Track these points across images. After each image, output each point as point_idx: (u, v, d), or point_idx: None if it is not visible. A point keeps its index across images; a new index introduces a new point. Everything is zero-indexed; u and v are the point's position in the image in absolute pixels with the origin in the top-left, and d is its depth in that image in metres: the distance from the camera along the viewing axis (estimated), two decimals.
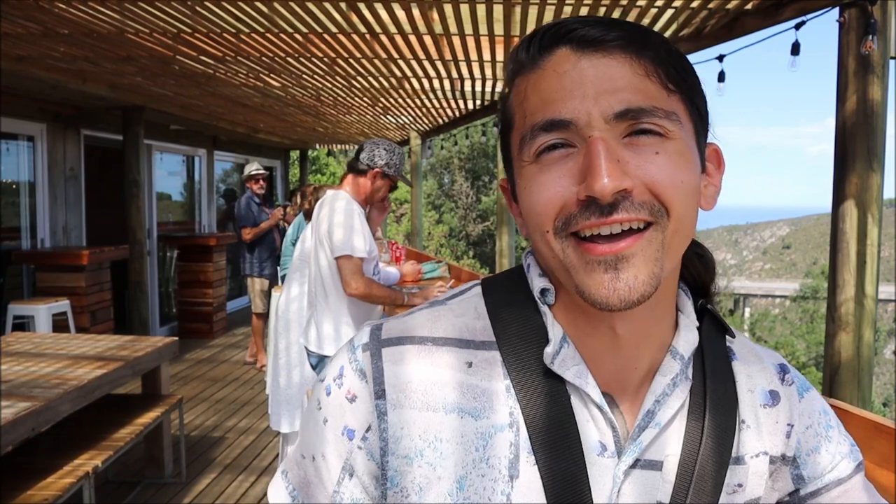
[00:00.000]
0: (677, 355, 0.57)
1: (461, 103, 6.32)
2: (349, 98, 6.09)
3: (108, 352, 3.33)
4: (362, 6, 3.15)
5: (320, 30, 3.60)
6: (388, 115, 7.45)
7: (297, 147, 12.43)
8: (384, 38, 3.76)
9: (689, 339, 0.58)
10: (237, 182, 10.04)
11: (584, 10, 3.09)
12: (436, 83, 5.22)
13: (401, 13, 3.25)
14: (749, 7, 2.97)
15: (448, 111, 6.95)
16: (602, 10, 3.08)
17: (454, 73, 4.76)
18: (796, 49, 2.89)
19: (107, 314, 5.98)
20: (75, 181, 6.40)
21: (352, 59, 4.37)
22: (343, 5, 3.16)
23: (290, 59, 4.37)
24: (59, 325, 5.29)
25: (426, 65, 4.50)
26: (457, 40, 3.82)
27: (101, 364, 3.07)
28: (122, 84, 5.44)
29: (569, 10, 3.11)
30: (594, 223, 0.49)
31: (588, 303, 0.51)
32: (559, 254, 0.52)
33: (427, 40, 3.80)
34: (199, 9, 3.23)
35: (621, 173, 0.48)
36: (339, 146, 12.88)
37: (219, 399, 5.29)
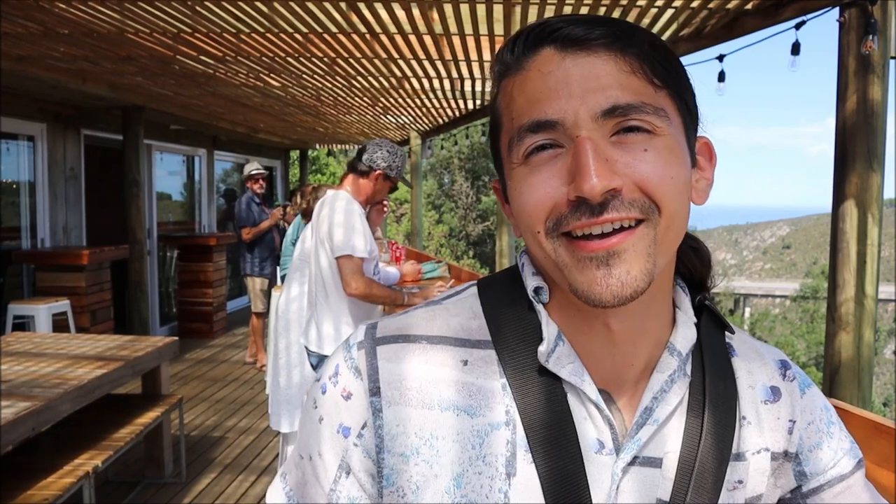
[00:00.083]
0: (675, 352, 0.57)
1: (461, 103, 6.32)
2: (349, 98, 6.09)
3: (108, 352, 3.33)
4: (362, 6, 3.15)
5: (320, 30, 3.60)
6: (388, 115, 7.45)
7: (297, 147, 12.43)
8: (384, 38, 3.76)
9: (686, 336, 0.57)
10: (237, 182, 10.04)
11: (584, 11, 3.09)
12: (436, 83, 5.22)
13: (401, 13, 3.25)
14: (749, 7, 2.97)
15: (448, 111, 6.95)
16: (602, 10, 3.08)
17: (454, 73, 4.76)
18: (796, 49, 2.89)
19: (107, 314, 5.98)
20: (75, 181, 6.40)
21: (352, 59, 4.38)
22: (343, 5, 3.16)
23: (290, 59, 4.37)
24: (59, 324, 5.29)
25: (426, 65, 4.50)
26: (457, 40, 3.82)
27: (101, 364, 3.07)
28: (122, 84, 5.44)
29: (569, 10, 3.11)
30: (585, 223, 0.49)
31: (581, 300, 0.51)
32: (551, 253, 0.51)
33: (427, 40, 3.80)
34: (199, 9, 3.23)
35: (610, 173, 0.48)
36: (339, 146, 12.88)
37: (219, 399, 5.28)
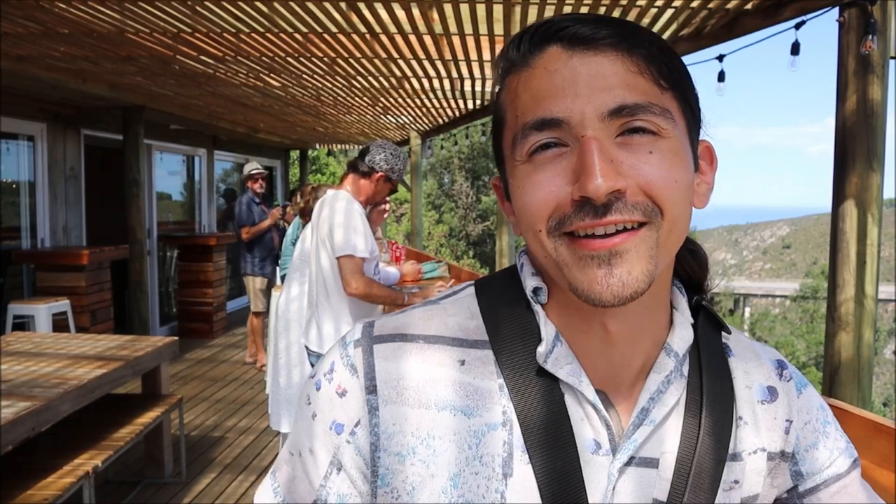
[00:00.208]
0: (672, 352, 0.57)
1: (461, 103, 6.32)
2: (349, 98, 6.10)
3: (108, 351, 3.33)
4: (362, 6, 3.15)
5: (320, 30, 3.60)
6: (388, 115, 7.45)
7: (297, 147, 12.43)
8: (384, 37, 3.76)
9: (683, 336, 0.57)
10: (237, 182, 10.04)
11: (584, 10, 3.09)
12: (436, 83, 5.22)
13: (401, 13, 3.25)
14: (749, 7, 2.97)
15: (448, 111, 6.94)
16: (602, 10, 3.08)
17: (454, 73, 4.76)
18: (796, 49, 2.89)
19: (107, 314, 5.98)
20: (75, 181, 6.40)
21: (352, 59, 4.38)
22: (343, 5, 3.16)
23: (290, 59, 4.37)
24: (59, 324, 5.29)
25: (426, 65, 4.50)
26: (457, 40, 3.82)
27: (101, 364, 3.07)
28: (122, 84, 5.44)
29: (568, 10, 3.11)
30: (588, 224, 0.48)
31: (581, 299, 0.50)
32: (552, 252, 0.51)
33: (427, 40, 3.80)
34: (199, 9, 3.23)
35: (615, 173, 0.48)
36: (339, 146, 12.88)
37: (219, 399, 5.29)
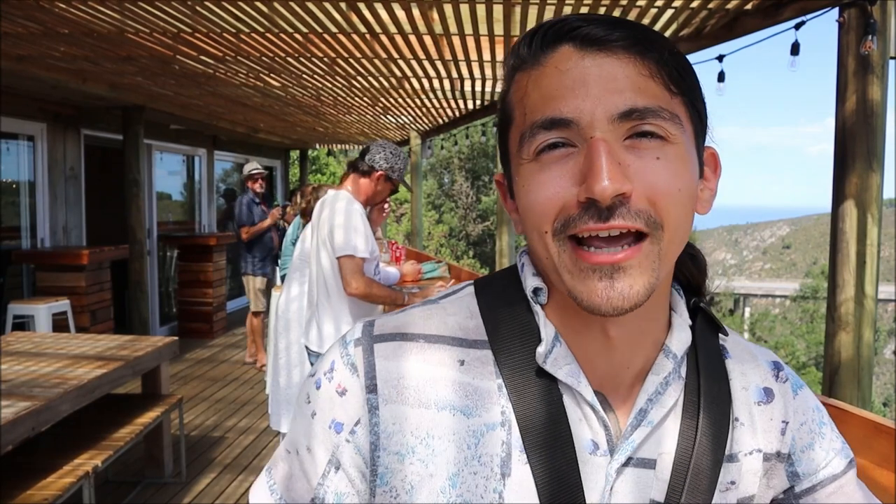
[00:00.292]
0: (670, 354, 0.57)
1: (461, 103, 6.32)
2: (349, 98, 6.10)
3: (108, 351, 3.33)
4: (362, 6, 3.15)
5: (320, 30, 3.60)
6: (388, 115, 7.45)
7: (297, 147, 12.43)
8: (384, 38, 3.76)
9: (681, 338, 0.58)
10: (237, 182, 10.04)
11: (584, 10, 3.09)
12: (436, 83, 5.22)
13: (401, 13, 3.25)
14: (749, 7, 2.97)
15: (448, 111, 6.95)
16: (602, 10, 3.08)
17: (454, 73, 4.76)
18: (796, 49, 2.89)
19: (107, 314, 5.98)
20: (75, 181, 6.40)
21: (352, 59, 4.38)
22: (343, 5, 3.16)
23: (290, 59, 4.37)
24: (59, 324, 5.28)
25: (426, 65, 4.50)
26: (457, 40, 3.82)
27: (101, 364, 3.07)
28: (122, 84, 5.44)
29: (568, 10, 3.11)
30: (592, 227, 0.48)
31: (580, 307, 0.51)
32: (554, 255, 0.51)
33: (427, 40, 3.80)
34: (199, 9, 3.23)
35: (622, 177, 0.48)
36: (339, 146, 12.88)
37: (219, 399, 5.29)
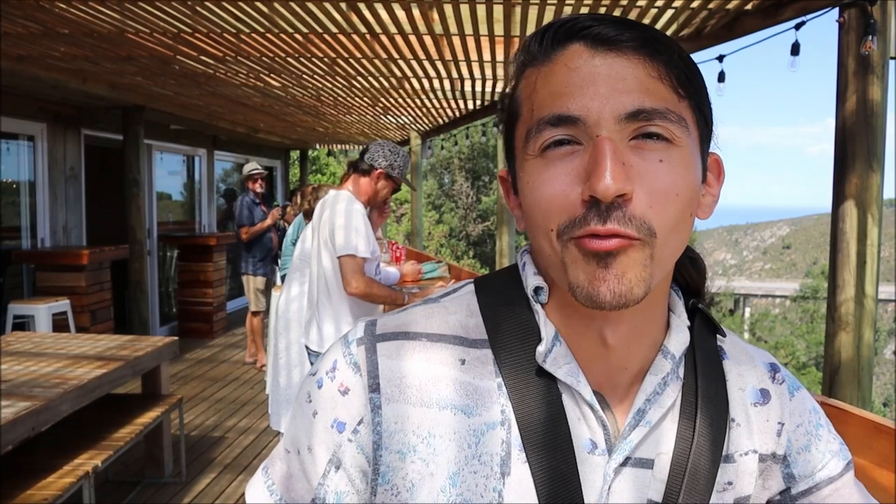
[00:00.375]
0: (668, 354, 0.57)
1: (461, 103, 6.32)
2: (349, 98, 6.10)
3: (108, 351, 3.33)
4: (362, 6, 3.15)
5: (320, 30, 3.60)
6: (389, 115, 7.45)
7: (297, 147, 12.43)
8: (384, 38, 3.76)
9: (680, 339, 0.58)
10: (237, 182, 10.05)
11: (585, 11, 3.09)
12: (436, 83, 5.22)
13: (401, 13, 3.25)
14: (749, 7, 2.97)
15: (448, 111, 6.95)
16: (602, 10, 3.08)
17: (454, 74, 4.76)
18: (796, 49, 2.89)
19: (107, 314, 5.98)
20: (75, 181, 6.40)
21: (352, 59, 4.38)
22: (343, 5, 3.16)
23: (290, 59, 4.37)
24: (59, 324, 5.29)
25: (426, 65, 4.50)
26: (457, 40, 3.82)
27: (101, 364, 3.07)
28: (122, 84, 5.44)
29: (569, 10, 3.11)
30: (592, 229, 0.49)
31: (580, 299, 0.51)
32: (558, 252, 0.51)
33: (427, 40, 3.80)
34: (199, 9, 3.23)
35: (625, 177, 0.48)
36: (339, 146, 12.88)
37: (219, 399, 5.29)
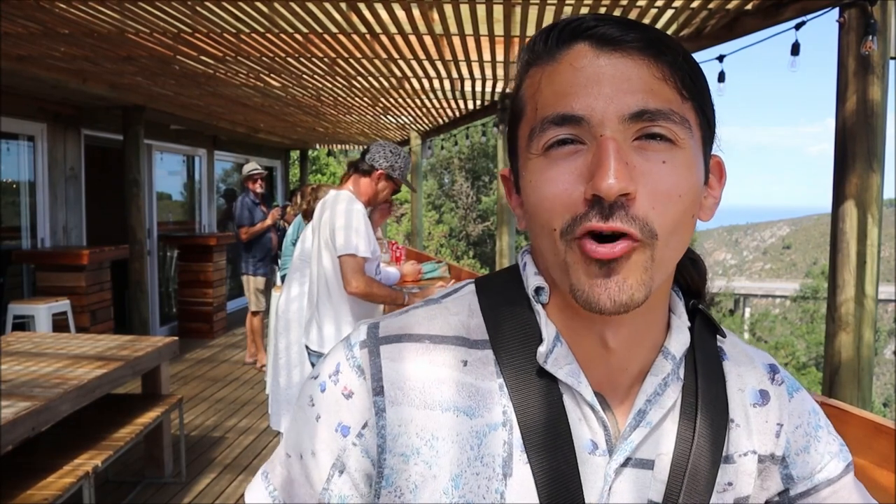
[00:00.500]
0: (669, 355, 0.57)
1: (461, 103, 6.32)
2: (349, 98, 6.10)
3: (108, 351, 3.33)
4: (362, 6, 3.15)
5: (320, 30, 3.60)
6: (389, 115, 7.45)
7: (297, 147, 12.43)
8: (384, 38, 3.76)
9: (680, 340, 0.58)
10: (237, 182, 10.04)
11: (585, 11, 3.09)
12: (436, 83, 5.22)
13: (401, 13, 3.26)
14: (749, 7, 2.97)
15: (448, 111, 6.95)
16: (602, 10, 3.08)
17: (454, 74, 4.77)
18: (796, 49, 2.89)
19: (107, 314, 5.98)
20: (75, 181, 6.40)
21: (352, 59, 4.38)
22: (343, 5, 3.16)
23: (290, 59, 4.37)
24: (59, 324, 5.28)
25: (426, 65, 4.50)
26: (457, 40, 3.82)
27: (101, 364, 3.07)
28: (122, 84, 5.44)
29: (569, 10, 3.11)
30: (595, 226, 0.49)
31: (580, 303, 0.51)
32: (561, 252, 0.51)
33: (427, 40, 3.80)
34: (199, 9, 3.23)
35: (628, 177, 0.48)
36: (339, 146, 12.88)
37: (219, 399, 5.29)
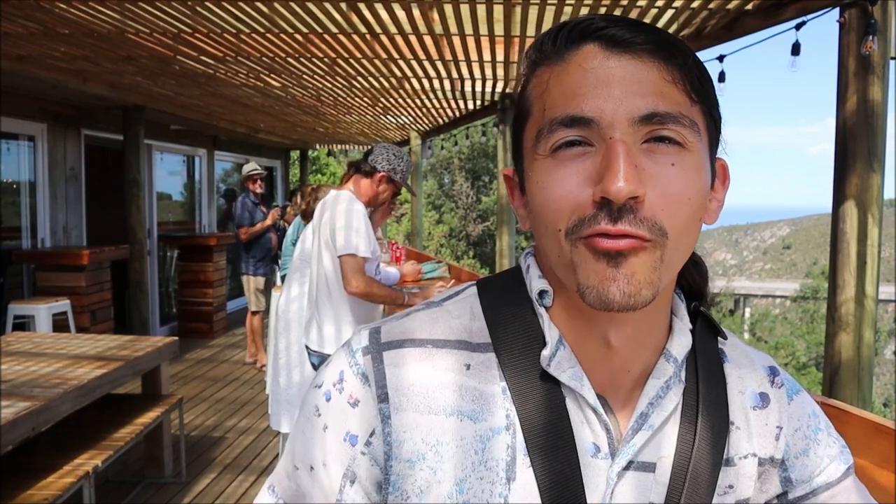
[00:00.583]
0: (671, 358, 0.57)
1: (461, 103, 6.32)
2: (349, 98, 6.10)
3: (108, 351, 3.33)
4: (362, 6, 3.15)
5: (320, 30, 3.60)
6: (389, 116, 7.45)
7: (297, 147, 12.43)
8: (384, 38, 3.76)
9: (682, 343, 0.58)
10: (237, 182, 10.04)
11: (584, 11, 3.09)
12: (436, 83, 5.22)
13: (401, 13, 3.25)
14: (749, 7, 2.97)
15: (448, 111, 6.95)
16: (602, 11, 3.08)
17: (454, 74, 4.76)
18: (796, 49, 2.89)
19: (107, 314, 5.98)
20: (75, 181, 6.40)
21: (352, 60, 4.38)
22: (343, 5, 3.16)
23: (290, 59, 4.37)
24: (59, 324, 5.28)
25: (426, 65, 4.50)
26: (457, 40, 3.82)
27: (101, 364, 3.07)
28: (122, 84, 5.44)
29: (569, 10, 3.11)
30: (602, 228, 0.48)
31: (588, 301, 0.50)
32: (567, 252, 0.51)
33: (427, 40, 3.80)
34: (199, 9, 3.23)
35: (637, 179, 0.48)
36: (339, 146, 12.88)
37: (219, 399, 5.28)
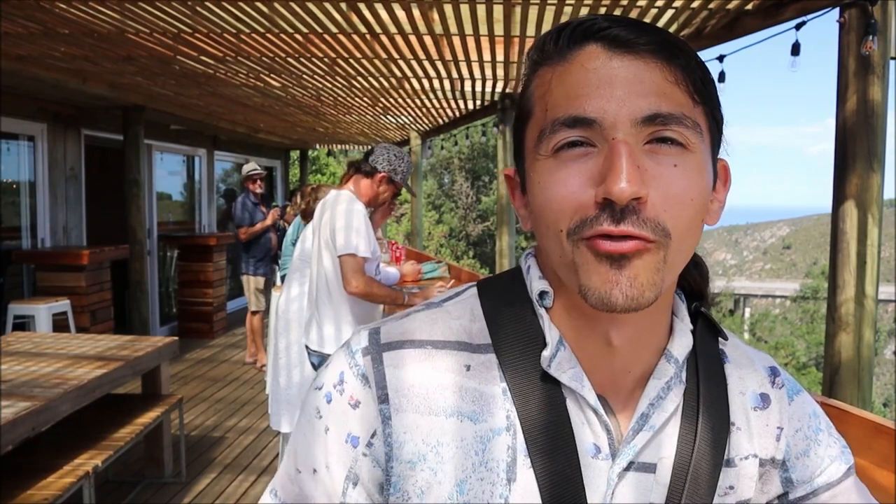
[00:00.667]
0: (672, 359, 0.57)
1: (461, 103, 6.32)
2: (349, 98, 6.10)
3: (108, 351, 3.33)
4: (362, 6, 3.15)
5: (320, 30, 3.60)
6: (389, 116, 7.45)
7: (297, 147, 12.43)
8: (384, 38, 3.76)
9: (683, 343, 0.58)
10: (237, 182, 10.04)
11: (584, 11, 3.09)
12: (436, 83, 5.22)
13: (401, 13, 3.25)
14: (749, 7, 2.97)
15: (448, 111, 6.95)
16: (602, 11, 3.08)
17: (454, 74, 4.76)
18: (796, 49, 2.89)
19: (107, 314, 5.98)
20: (75, 181, 6.40)
21: (352, 60, 4.38)
22: (343, 5, 3.16)
23: (290, 59, 4.37)
24: (59, 324, 5.28)
25: (426, 65, 4.50)
26: (457, 40, 3.82)
27: (101, 364, 3.07)
28: (122, 84, 5.44)
29: (569, 10, 3.11)
30: (605, 230, 0.48)
31: (590, 302, 0.50)
32: (569, 253, 0.51)
33: (427, 40, 3.80)
34: (199, 9, 3.23)
35: (640, 181, 0.47)
36: (339, 146, 12.88)
37: (219, 399, 5.28)
